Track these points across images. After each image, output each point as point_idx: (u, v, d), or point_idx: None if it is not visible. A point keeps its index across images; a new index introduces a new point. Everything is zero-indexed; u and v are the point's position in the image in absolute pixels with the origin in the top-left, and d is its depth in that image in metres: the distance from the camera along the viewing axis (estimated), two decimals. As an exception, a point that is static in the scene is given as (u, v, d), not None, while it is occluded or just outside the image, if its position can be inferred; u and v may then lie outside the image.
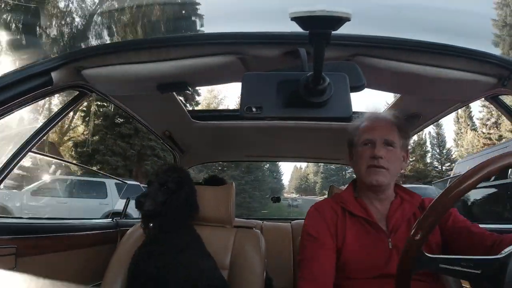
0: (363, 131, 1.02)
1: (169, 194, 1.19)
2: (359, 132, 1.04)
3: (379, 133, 0.99)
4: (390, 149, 0.98)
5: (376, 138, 0.98)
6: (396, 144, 0.99)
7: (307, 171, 70.15)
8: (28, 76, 0.88)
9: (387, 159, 0.97)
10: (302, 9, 0.38)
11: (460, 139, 22.85)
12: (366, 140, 1.00)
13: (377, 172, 0.97)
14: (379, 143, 0.98)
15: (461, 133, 22.99)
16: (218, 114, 1.88)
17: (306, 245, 0.98)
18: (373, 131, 1.00)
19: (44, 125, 1.13)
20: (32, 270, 1.11)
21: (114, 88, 1.13)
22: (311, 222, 1.02)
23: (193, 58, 0.95)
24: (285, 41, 0.89)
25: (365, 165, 0.99)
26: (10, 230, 1.09)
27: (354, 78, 0.50)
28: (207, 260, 1.15)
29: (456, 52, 0.92)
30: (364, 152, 1.00)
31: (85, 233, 1.47)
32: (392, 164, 0.98)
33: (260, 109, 0.47)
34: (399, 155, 1.00)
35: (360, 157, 1.01)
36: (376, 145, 0.97)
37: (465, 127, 22.55)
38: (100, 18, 6.52)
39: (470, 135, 21.44)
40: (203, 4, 12.39)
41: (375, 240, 0.93)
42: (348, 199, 1.03)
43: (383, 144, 0.98)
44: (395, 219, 0.96)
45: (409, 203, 1.00)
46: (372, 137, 0.99)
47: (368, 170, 0.98)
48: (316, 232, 0.98)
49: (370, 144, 0.99)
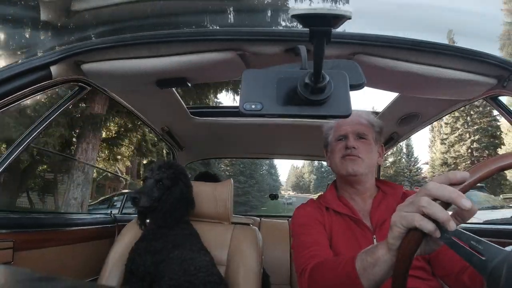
0: (335, 129, 1.08)
1: (164, 190, 1.19)
2: (332, 131, 1.10)
3: (350, 128, 1.04)
4: (362, 141, 1.03)
5: (348, 132, 1.03)
6: (369, 137, 1.04)
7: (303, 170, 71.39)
8: (27, 69, 0.88)
9: (361, 150, 1.01)
10: (303, 6, 0.38)
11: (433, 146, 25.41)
12: (339, 136, 1.05)
13: (351, 160, 1.00)
14: (351, 136, 1.03)
15: (434, 140, 25.50)
16: (217, 111, 1.88)
17: (298, 233, 0.98)
18: (345, 126, 1.05)
19: (43, 119, 1.13)
20: (30, 264, 1.12)
21: (113, 82, 1.13)
22: (299, 217, 1.04)
23: (192, 54, 0.95)
24: (285, 38, 0.89)
25: (339, 157, 1.03)
26: (8, 224, 1.09)
27: (354, 76, 0.50)
28: (204, 255, 1.15)
29: (457, 52, 0.92)
30: (337, 145, 1.05)
31: (83, 227, 1.47)
32: (366, 155, 1.01)
33: (260, 106, 0.47)
34: (373, 147, 1.04)
35: (334, 151, 1.06)
36: (349, 138, 1.02)
37: (438, 135, 24.79)
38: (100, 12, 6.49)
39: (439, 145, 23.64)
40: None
41: (360, 237, 0.94)
42: (330, 198, 1.05)
43: (355, 136, 1.03)
44: (378, 214, 0.97)
45: (392, 195, 1.01)
46: (344, 132, 1.04)
47: (341, 160, 1.02)
48: (306, 221, 1.00)
49: (344, 139, 1.04)
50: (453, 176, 0.53)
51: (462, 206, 0.50)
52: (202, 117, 1.75)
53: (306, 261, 0.86)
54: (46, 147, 6.99)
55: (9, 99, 0.84)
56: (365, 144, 1.02)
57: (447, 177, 0.53)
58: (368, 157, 1.01)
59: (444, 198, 0.51)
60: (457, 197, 0.50)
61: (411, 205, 0.54)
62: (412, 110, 1.42)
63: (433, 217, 0.51)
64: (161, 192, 1.19)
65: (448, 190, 0.51)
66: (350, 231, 0.96)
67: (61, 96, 3.68)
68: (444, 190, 0.51)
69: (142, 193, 1.16)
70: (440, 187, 0.52)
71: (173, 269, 1.07)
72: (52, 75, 0.93)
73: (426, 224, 0.51)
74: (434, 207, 0.51)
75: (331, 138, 1.10)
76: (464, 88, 1.04)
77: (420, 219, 0.52)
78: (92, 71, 1.02)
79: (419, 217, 0.52)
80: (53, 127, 6.66)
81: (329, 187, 1.12)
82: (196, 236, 1.22)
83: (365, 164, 1.00)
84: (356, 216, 0.97)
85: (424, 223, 0.51)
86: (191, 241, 1.18)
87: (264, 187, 38.04)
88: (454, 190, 0.51)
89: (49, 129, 6.40)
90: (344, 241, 0.94)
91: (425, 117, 1.46)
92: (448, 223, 0.50)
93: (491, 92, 1.05)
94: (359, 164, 0.99)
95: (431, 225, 0.51)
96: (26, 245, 1.11)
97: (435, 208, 0.51)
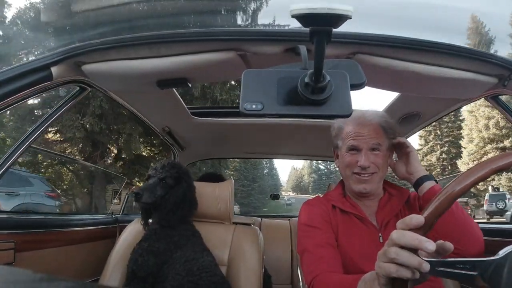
0: (348, 136, 0.99)
1: (167, 189, 1.20)
2: (343, 136, 1.02)
3: (364, 140, 0.96)
4: (376, 153, 0.97)
5: (362, 145, 0.96)
6: (383, 147, 0.97)
7: (303, 172, 72.22)
8: (28, 70, 0.88)
9: (373, 167, 0.96)
10: (303, 6, 0.38)
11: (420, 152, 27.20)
12: (351, 147, 0.98)
13: (364, 181, 0.96)
14: (365, 150, 0.96)
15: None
16: (218, 111, 1.88)
17: (305, 236, 0.98)
18: (359, 137, 0.97)
19: (44, 120, 1.13)
20: (31, 265, 1.12)
21: (114, 83, 1.13)
22: (305, 215, 1.02)
23: (193, 54, 0.95)
24: (285, 38, 0.89)
25: (351, 172, 0.98)
26: (9, 225, 1.09)
27: (355, 76, 0.50)
28: (206, 256, 1.15)
29: (457, 52, 0.92)
30: (349, 157, 0.98)
31: (84, 228, 1.47)
32: (380, 168, 0.97)
33: (260, 106, 0.47)
34: (386, 158, 0.99)
35: (346, 164, 0.99)
36: (362, 154, 0.96)
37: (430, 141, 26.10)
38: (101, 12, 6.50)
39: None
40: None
41: (366, 235, 0.94)
42: (337, 197, 1.04)
43: (369, 150, 0.96)
44: (383, 215, 0.97)
45: (398, 198, 1.00)
46: (357, 144, 0.97)
47: (353, 177, 0.98)
48: (312, 222, 0.98)
49: (356, 151, 0.97)
50: (409, 222, 0.55)
51: (426, 250, 0.52)
52: (203, 117, 1.75)
53: (314, 270, 0.88)
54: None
55: (10, 100, 0.84)
56: (378, 157, 0.96)
57: (405, 224, 0.55)
58: (381, 170, 0.97)
59: (408, 246, 0.53)
60: (419, 244, 0.52)
61: (384, 256, 0.56)
62: (412, 110, 1.42)
63: (405, 265, 0.53)
64: (164, 191, 1.19)
65: (410, 237, 0.53)
66: (356, 230, 0.96)
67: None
68: (407, 238, 0.53)
69: (145, 190, 1.16)
70: (402, 235, 0.54)
71: (176, 270, 1.07)
72: (53, 76, 0.93)
73: (403, 272, 0.53)
74: (404, 256, 0.53)
75: (341, 143, 1.02)
76: (464, 87, 1.04)
77: (395, 269, 0.53)
78: (92, 72, 1.02)
79: (394, 268, 0.54)
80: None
81: (336, 185, 1.11)
82: (199, 236, 1.22)
83: (378, 177, 0.97)
84: (362, 215, 0.97)
85: (401, 272, 0.53)
86: (193, 241, 1.18)
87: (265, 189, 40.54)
88: (415, 237, 0.53)
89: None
90: (351, 239, 0.94)
91: (426, 117, 1.46)
92: (421, 267, 0.52)
93: (492, 91, 1.05)
94: (373, 183, 0.97)
95: (408, 272, 0.53)
96: (27, 246, 1.11)
97: (405, 257, 0.53)
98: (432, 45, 0.90)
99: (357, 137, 0.97)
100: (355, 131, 0.98)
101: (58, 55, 0.94)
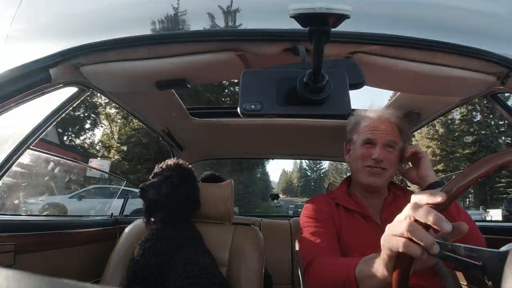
0: (365, 130, 1.01)
1: (172, 188, 1.20)
2: (359, 130, 1.03)
3: (381, 135, 0.98)
4: (390, 151, 0.98)
5: (377, 140, 0.98)
6: (396, 147, 0.99)
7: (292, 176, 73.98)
8: (26, 73, 0.88)
9: (386, 162, 0.97)
10: (302, 6, 0.38)
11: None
12: (367, 140, 1.00)
13: (375, 174, 0.97)
14: (380, 145, 0.98)
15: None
16: (217, 111, 1.87)
17: (306, 226, 0.98)
18: (376, 131, 0.99)
19: (43, 122, 1.12)
20: (31, 267, 1.11)
21: (113, 84, 1.13)
22: (309, 210, 1.03)
23: (192, 54, 0.95)
24: (284, 38, 0.89)
25: (363, 165, 0.99)
26: (9, 227, 1.08)
27: (354, 75, 0.50)
28: (207, 257, 1.15)
29: (455, 50, 0.92)
30: (363, 150, 1.00)
31: (84, 230, 1.47)
32: (390, 166, 0.98)
33: (259, 106, 0.47)
34: (397, 156, 1.00)
35: (359, 156, 1.01)
36: (377, 148, 0.97)
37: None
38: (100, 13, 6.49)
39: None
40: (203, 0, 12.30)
41: (369, 232, 0.94)
42: (341, 196, 1.05)
43: (384, 146, 0.98)
44: (388, 213, 0.97)
45: (403, 199, 1.01)
46: (374, 138, 0.99)
47: (365, 170, 0.99)
48: (315, 215, 0.99)
49: (371, 145, 0.99)
50: (429, 197, 0.52)
51: (442, 230, 0.49)
52: (202, 117, 1.75)
53: (312, 253, 0.87)
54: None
55: (8, 103, 0.84)
56: (391, 154, 0.98)
57: (426, 198, 0.52)
58: (392, 168, 0.99)
59: (424, 221, 0.50)
60: (437, 220, 0.49)
61: (395, 228, 0.53)
62: (412, 109, 1.42)
63: (418, 242, 0.50)
64: (170, 189, 1.19)
65: (431, 213, 0.50)
66: (359, 227, 0.96)
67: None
68: (427, 213, 0.50)
69: (151, 186, 1.16)
70: (422, 209, 0.51)
71: (177, 271, 1.07)
72: (52, 78, 0.93)
73: (413, 249, 0.50)
74: (419, 232, 0.50)
75: (356, 137, 1.04)
76: (463, 85, 1.04)
77: (406, 245, 0.51)
78: (91, 73, 1.02)
79: (405, 242, 0.51)
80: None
81: (341, 184, 1.12)
82: (200, 237, 1.22)
83: (389, 174, 0.99)
84: (366, 213, 0.98)
85: (411, 248, 0.50)
86: (194, 242, 1.18)
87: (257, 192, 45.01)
88: (435, 213, 0.50)
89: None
90: (353, 236, 0.95)
91: (425, 115, 1.46)
92: (432, 248, 0.49)
93: (491, 90, 1.05)
94: (383, 178, 0.98)
95: (418, 250, 0.50)
96: (27, 248, 1.11)
97: (420, 233, 0.50)
98: (431, 44, 0.90)
99: (374, 131, 1.00)
100: (373, 125, 1.01)
101: (56, 56, 0.93)
